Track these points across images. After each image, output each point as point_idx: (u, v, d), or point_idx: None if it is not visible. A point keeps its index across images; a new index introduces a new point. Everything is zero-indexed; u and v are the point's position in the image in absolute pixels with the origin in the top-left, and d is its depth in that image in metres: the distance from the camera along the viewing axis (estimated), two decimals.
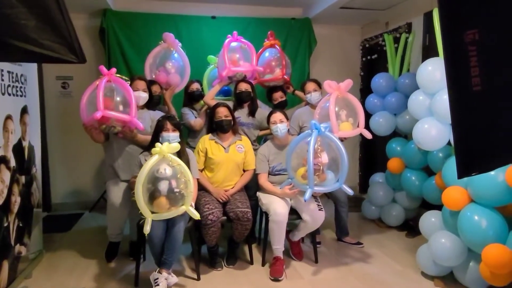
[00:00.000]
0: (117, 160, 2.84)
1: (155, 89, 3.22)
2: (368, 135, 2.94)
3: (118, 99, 2.55)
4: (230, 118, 2.94)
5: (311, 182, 2.47)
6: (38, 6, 1.60)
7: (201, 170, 2.96)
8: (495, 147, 1.25)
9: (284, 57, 3.58)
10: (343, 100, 2.91)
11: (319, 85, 3.29)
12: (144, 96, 2.87)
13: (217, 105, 2.99)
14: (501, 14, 1.17)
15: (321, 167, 2.53)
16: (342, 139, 3.22)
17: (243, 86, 3.23)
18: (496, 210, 2.31)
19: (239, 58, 3.36)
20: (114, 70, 2.58)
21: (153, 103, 3.14)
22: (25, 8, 1.58)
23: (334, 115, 2.81)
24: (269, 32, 3.67)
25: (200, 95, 3.46)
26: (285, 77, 3.51)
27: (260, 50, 3.63)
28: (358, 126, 2.93)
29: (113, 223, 2.95)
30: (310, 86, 3.28)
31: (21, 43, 1.60)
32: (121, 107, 2.55)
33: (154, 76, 3.40)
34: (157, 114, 2.96)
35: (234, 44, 3.40)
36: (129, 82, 2.71)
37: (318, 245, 3.22)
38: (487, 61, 1.19)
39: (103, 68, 2.55)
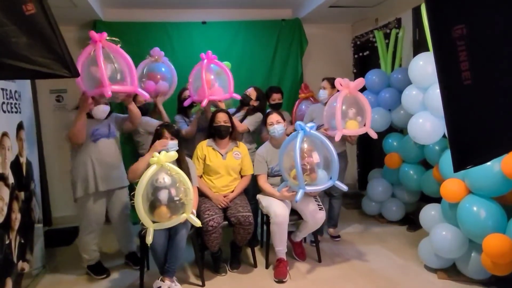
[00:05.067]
0: (96, 171, 2.74)
1: (140, 99, 3.21)
2: (374, 135, 2.96)
3: (115, 67, 2.44)
4: (229, 124, 2.96)
5: (301, 182, 2.49)
6: (28, 23, 1.61)
7: (201, 176, 2.98)
8: (488, 139, 1.26)
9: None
10: (353, 98, 2.93)
11: (331, 83, 3.28)
12: (106, 109, 2.78)
13: (217, 111, 3.02)
14: (487, 9, 1.19)
15: (308, 166, 2.53)
16: (349, 140, 3.25)
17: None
18: (494, 200, 2.33)
19: (213, 80, 3.12)
20: (105, 34, 2.43)
21: (143, 111, 3.16)
22: (15, 26, 1.58)
23: (339, 113, 2.83)
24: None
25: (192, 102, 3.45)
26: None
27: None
28: (364, 125, 2.95)
29: (91, 244, 2.85)
30: (321, 83, 3.35)
31: (13, 61, 1.61)
32: (118, 76, 2.46)
33: (142, 85, 3.37)
34: (115, 116, 2.97)
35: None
36: (120, 44, 2.56)
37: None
38: (476, 55, 1.20)
39: (94, 34, 2.40)
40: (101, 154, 2.78)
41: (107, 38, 2.45)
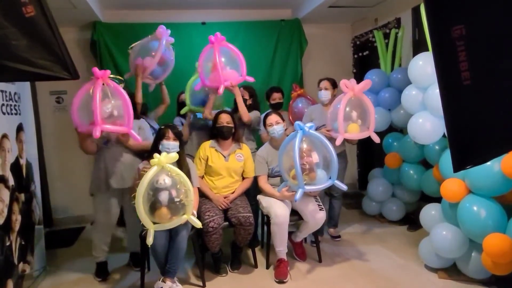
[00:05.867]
0: (109, 169, 2.76)
1: (138, 100, 3.23)
2: (377, 139, 2.96)
3: (114, 106, 2.46)
4: (231, 125, 2.96)
5: (301, 182, 2.49)
6: (28, 26, 1.61)
7: (202, 177, 2.98)
8: (488, 139, 1.26)
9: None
10: (357, 101, 2.91)
11: (333, 84, 3.30)
12: None
13: (220, 112, 3.01)
14: (486, 9, 1.19)
15: (307, 166, 2.53)
16: (349, 141, 3.23)
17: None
18: (494, 199, 2.33)
19: (225, 63, 3.08)
20: (108, 72, 2.45)
21: (141, 111, 3.16)
22: (15, 28, 1.59)
23: (342, 115, 2.82)
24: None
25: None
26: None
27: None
28: (368, 129, 2.95)
29: (101, 241, 2.88)
30: (322, 84, 3.31)
31: (13, 63, 1.61)
32: (116, 113, 2.47)
33: (133, 61, 3.26)
34: (143, 123, 2.98)
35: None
36: (123, 84, 2.62)
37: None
38: (475, 55, 1.20)
39: (97, 70, 2.41)
40: (115, 154, 2.79)
41: (110, 76, 2.46)
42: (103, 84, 2.42)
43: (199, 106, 3.30)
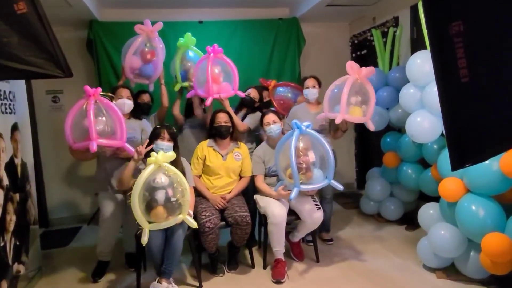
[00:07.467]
0: (112, 171, 2.79)
1: (144, 98, 3.23)
2: (372, 127, 2.95)
3: (106, 122, 2.48)
4: (229, 124, 2.94)
5: (297, 181, 2.47)
6: (19, 23, 1.59)
7: (199, 176, 2.96)
8: (486, 137, 1.25)
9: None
10: (360, 86, 2.89)
11: (319, 82, 3.30)
12: (128, 103, 2.82)
13: (217, 111, 2.99)
14: (484, 5, 1.17)
15: (304, 165, 2.51)
16: (343, 129, 3.19)
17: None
18: (492, 198, 2.31)
19: (219, 72, 3.10)
20: (99, 90, 2.47)
21: (143, 111, 3.15)
22: (6, 26, 1.57)
23: (345, 97, 2.79)
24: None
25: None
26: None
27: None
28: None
29: (106, 239, 2.87)
30: (309, 82, 3.28)
31: (4, 61, 1.59)
32: (108, 129, 2.49)
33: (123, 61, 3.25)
34: (145, 124, 2.97)
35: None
36: (114, 100, 2.66)
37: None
38: (473, 52, 1.19)
39: (88, 88, 2.44)
40: (117, 156, 2.78)
41: (101, 93, 2.49)
42: (95, 101, 2.44)
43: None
